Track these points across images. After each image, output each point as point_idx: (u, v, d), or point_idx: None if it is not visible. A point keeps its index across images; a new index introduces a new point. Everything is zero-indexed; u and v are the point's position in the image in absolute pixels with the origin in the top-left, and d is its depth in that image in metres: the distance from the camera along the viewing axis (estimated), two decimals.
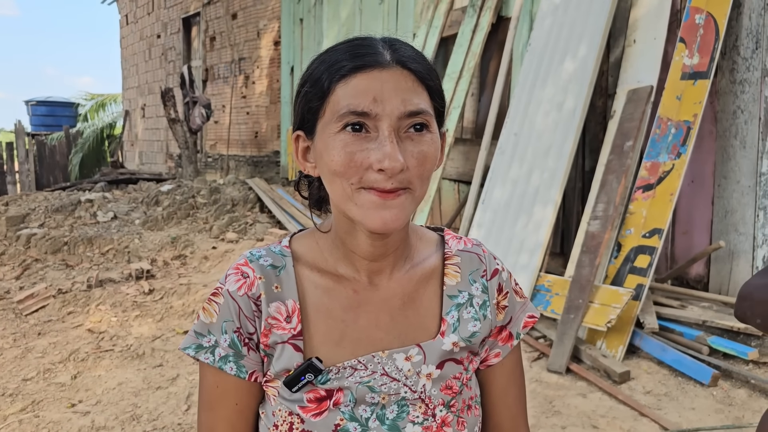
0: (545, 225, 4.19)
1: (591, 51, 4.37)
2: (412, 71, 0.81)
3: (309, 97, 0.82)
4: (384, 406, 0.86)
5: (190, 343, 0.88)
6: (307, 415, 0.85)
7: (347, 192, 0.80)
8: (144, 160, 15.87)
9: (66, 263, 6.03)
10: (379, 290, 0.90)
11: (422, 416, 0.87)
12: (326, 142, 0.80)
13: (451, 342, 0.90)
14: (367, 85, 0.78)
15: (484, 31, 5.49)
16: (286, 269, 0.89)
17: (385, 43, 0.83)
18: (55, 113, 18.89)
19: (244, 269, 0.88)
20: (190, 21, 13.60)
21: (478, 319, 0.93)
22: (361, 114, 0.78)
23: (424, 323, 0.91)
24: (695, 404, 3.04)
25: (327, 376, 0.85)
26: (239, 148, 11.74)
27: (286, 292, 0.88)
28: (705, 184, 4.18)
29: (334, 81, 0.80)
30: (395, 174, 0.77)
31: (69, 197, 8.21)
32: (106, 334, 4.25)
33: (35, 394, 3.39)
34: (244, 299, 0.86)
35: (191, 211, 7.80)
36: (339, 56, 0.81)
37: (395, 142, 0.78)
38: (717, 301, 3.91)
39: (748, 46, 3.92)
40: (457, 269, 0.95)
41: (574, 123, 4.30)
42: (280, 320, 0.86)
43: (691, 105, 3.85)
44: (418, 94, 0.80)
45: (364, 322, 0.89)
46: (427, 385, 0.88)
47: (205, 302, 0.89)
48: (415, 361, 0.88)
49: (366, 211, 0.79)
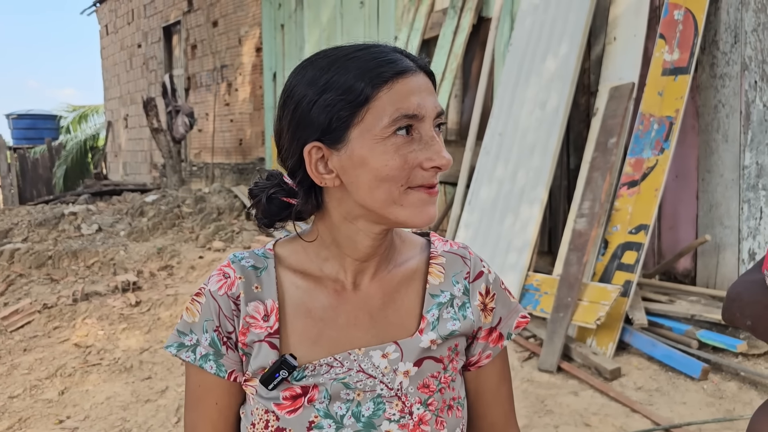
0: (532, 224, 4.20)
1: (572, 49, 4.38)
2: (429, 76, 0.86)
3: (338, 106, 0.81)
4: (359, 403, 0.86)
5: (173, 341, 0.90)
6: (282, 412, 0.85)
7: (394, 195, 0.81)
8: (128, 170, 15.75)
9: (51, 277, 5.95)
10: (361, 290, 0.91)
11: (399, 414, 0.87)
12: (372, 148, 0.80)
13: (429, 339, 0.90)
14: (411, 89, 0.81)
15: (466, 32, 5.50)
16: (268, 270, 0.91)
17: (398, 52, 0.85)
18: (36, 126, 18.73)
19: (226, 270, 0.90)
20: (170, 30, 13.52)
21: (457, 319, 0.93)
22: (412, 117, 0.80)
23: (404, 322, 0.91)
24: (686, 398, 3.05)
25: (303, 373, 0.86)
26: (224, 156, 11.68)
27: (266, 292, 0.89)
28: (689, 179, 4.20)
29: (376, 86, 0.80)
30: (447, 167, 0.82)
31: (52, 210, 8.13)
32: (93, 348, 4.19)
33: (22, 412, 3.34)
34: (224, 299, 0.88)
35: (177, 221, 7.74)
36: (370, 63, 0.82)
37: (439, 140, 0.83)
38: (705, 294, 3.93)
39: (727, 41, 3.95)
40: (441, 269, 0.95)
41: (557, 121, 4.31)
42: (258, 319, 0.87)
43: (672, 100, 3.87)
44: (436, 97, 0.85)
45: (342, 321, 0.89)
46: (404, 382, 0.88)
47: (189, 302, 0.90)
48: (392, 359, 0.88)
49: (415, 209, 0.82)
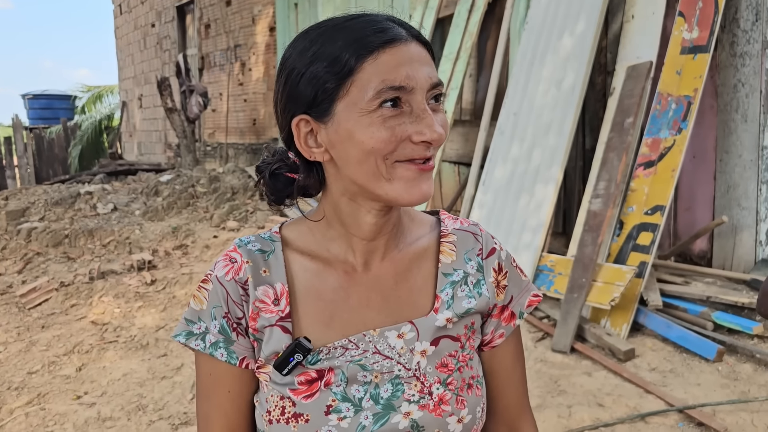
0: (547, 204, 4.17)
1: (589, 27, 4.32)
2: (424, 45, 0.82)
3: (323, 78, 0.78)
4: (377, 384, 0.85)
5: (181, 330, 0.88)
6: (298, 398, 0.84)
7: (381, 169, 0.78)
8: (143, 150, 15.82)
9: (67, 256, 6.02)
10: (371, 270, 0.89)
11: (418, 394, 0.86)
12: (358, 121, 0.77)
13: (445, 318, 0.88)
14: (399, 59, 0.78)
15: (481, 11, 5.43)
16: (275, 253, 0.89)
17: (391, 20, 0.82)
18: (52, 106, 18.83)
19: (232, 255, 0.88)
20: (184, 9, 13.48)
21: (472, 297, 0.91)
22: (399, 88, 0.77)
23: (418, 301, 0.89)
24: (701, 380, 3.04)
25: (317, 356, 0.84)
26: (238, 136, 11.69)
27: (275, 275, 0.87)
28: (707, 160, 4.15)
29: (361, 57, 0.77)
30: (439, 142, 0.79)
31: (68, 190, 8.19)
32: (109, 326, 4.25)
33: (41, 387, 3.39)
34: (231, 284, 0.86)
35: (191, 201, 7.78)
36: (357, 33, 0.78)
37: (432, 112, 0.79)
38: (721, 276, 3.89)
39: (748, 19, 3.87)
40: (452, 247, 0.93)
41: (573, 100, 4.27)
42: (268, 303, 0.86)
43: (691, 80, 3.81)
44: (433, 67, 0.81)
45: (354, 303, 0.88)
46: (422, 362, 0.86)
47: (196, 290, 0.88)
48: (408, 338, 0.86)
49: (404, 185, 0.79)
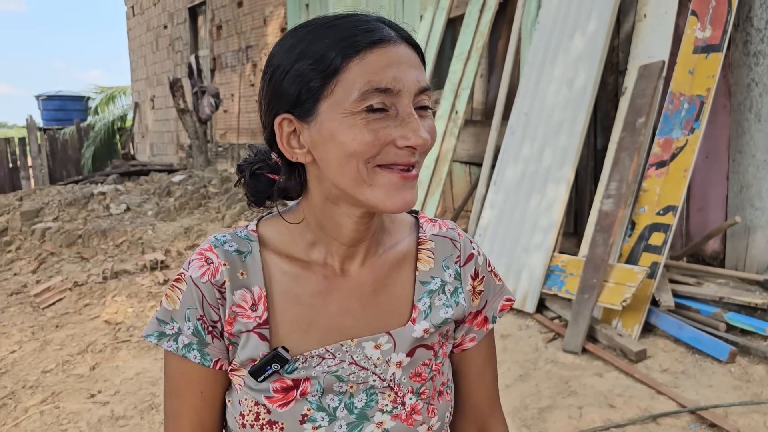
0: (558, 204, 4.16)
1: (601, 26, 4.30)
2: (414, 48, 0.80)
3: (308, 76, 0.76)
4: (352, 395, 0.84)
5: (153, 330, 0.85)
6: (274, 406, 0.83)
7: (362, 173, 0.76)
8: (155, 151, 15.92)
9: (81, 256, 6.07)
10: (351, 276, 0.87)
11: (391, 404, 0.86)
12: (341, 122, 0.75)
13: (422, 329, 0.88)
14: (387, 61, 0.75)
15: (492, 11, 5.42)
16: (252, 255, 0.86)
17: (381, 21, 0.80)
18: (65, 107, 18.97)
19: (208, 255, 0.85)
20: (196, 10, 13.55)
21: (449, 306, 0.91)
22: (384, 91, 0.74)
23: (396, 309, 0.88)
24: (713, 381, 3.02)
25: (294, 365, 0.83)
26: (249, 137, 11.73)
27: (252, 278, 0.85)
28: (719, 160, 4.12)
29: (347, 57, 0.75)
30: (425, 147, 0.76)
31: (82, 190, 8.26)
32: (122, 325, 4.28)
33: (55, 386, 3.43)
34: (207, 286, 0.83)
35: (203, 201, 7.82)
36: (346, 32, 0.76)
37: (418, 117, 0.77)
38: (734, 277, 3.87)
39: (762, 17, 3.84)
40: (430, 255, 0.92)
41: (585, 100, 4.25)
42: (245, 308, 0.84)
43: (704, 79, 3.79)
44: (422, 71, 0.79)
45: (333, 309, 0.86)
46: (397, 373, 0.86)
47: (168, 288, 0.85)
48: (384, 349, 0.86)
49: (386, 192, 0.76)
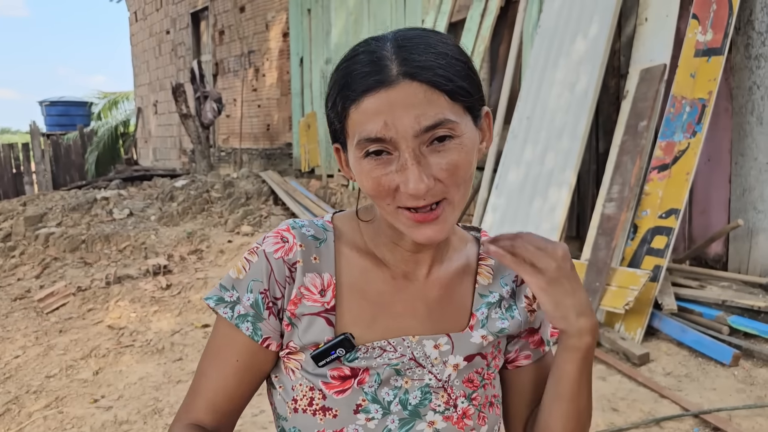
0: (560, 207, 4.16)
1: (602, 30, 4.31)
2: (423, 82, 0.74)
3: (332, 119, 0.82)
4: (407, 390, 0.86)
5: (213, 294, 0.87)
6: (330, 392, 0.84)
7: (387, 210, 0.80)
8: (158, 156, 15.96)
9: (84, 261, 6.09)
10: (417, 281, 0.90)
11: (444, 405, 0.87)
12: (354, 165, 0.80)
13: (480, 335, 0.90)
14: (376, 108, 0.74)
15: (493, 15, 5.44)
16: (327, 243, 0.89)
17: (394, 51, 0.76)
18: (69, 113, 19.01)
19: (284, 234, 0.87)
20: (198, 15, 13.60)
21: (506, 319, 0.93)
22: (376, 140, 0.75)
23: (455, 317, 0.91)
24: (716, 385, 3.01)
25: (355, 354, 0.84)
26: (252, 141, 11.76)
27: (324, 265, 0.87)
28: (722, 163, 4.12)
29: (347, 105, 0.77)
30: (423, 195, 0.76)
31: (85, 196, 8.28)
32: (126, 330, 4.29)
33: (58, 391, 3.43)
34: (278, 262, 0.85)
35: (206, 206, 7.83)
36: (347, 77, 0.77)
37: (416, 164, 0.75)
38: (736, 280, 3.86)
39: (763, 20, 3.84)
40: (490, 271, 0.95)
41: (586, 104, 4.26)
42: (314, 292, 0.85)
43: (705, 82, 3.79)
44: (433, 105, 0.74)
45: (398, 309, 0.88)
46: (452, 375, 0.88)
47: (240, 260, 0.88)
48: (443, 350, 0.88)
49: (407, 229, 0.80)
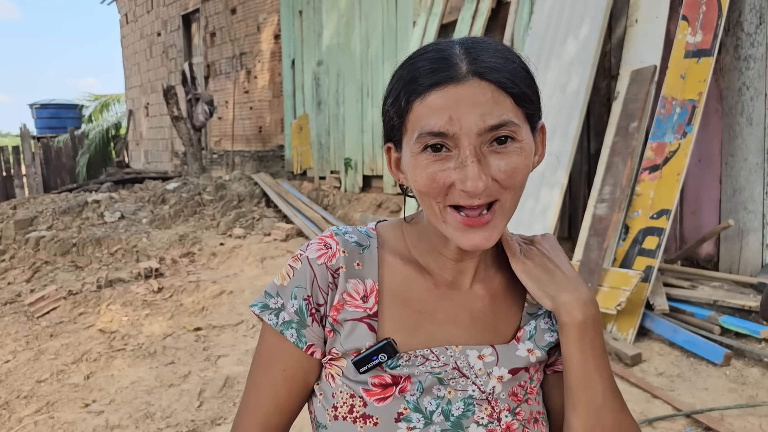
0: (552, 208, 4.17)
1: (593, 31, 4.33)
2: (492, 81, 0.76)
3: (390, 114, 0.81)
4: (450, 401, 0.84)
5: (259, 301, 0.88)
6: (371, 399, 0.83)
7: (435, 210, 0.80)
8: (149, 159, 15.90)
9: (75, 264, 6.05)
10: (461, 289, 0.89)
11: (487, 418, 0.85)
12: (410, 160, 0.79)
13: (526, 349, 0.88)
14: (443, 103, 0.75)
15: (484, 17, 5.45)
16: (370, 249, 0.88)
17: (464, 51, 0.78)
18: (59, 115, 18.94)
19: (328, 240, 0.88)
20: (189, 17, 13.56)
21: (554, 330, 0.90)
22: (438, 134, 0.75)
23: (501, 328, 0.89)
24: (708, 384, 3.03)
25: (397, 361, 0.83)
26: (244, 144, 11.73)
27: (367, 271, 0.87)
28: (712, 163, 4.14)
29: (411, 99, 0.77)
30: (479, 194, 0.76)
31: (76, 199, 8.23)
32: (117, 334, 4.27)
33: (49, 396, 3.41)
34: (321, 268, 0.85)
35: (198, 209, 7.81)
36: (414, 72, 0.78)
37: (476, 161, 0.75)
38: (728, 280, 3.88)
39: (752, 22, 3.87)
40: None
41: (578, 105, 4.27)
42: (356, 298, 0.85)
43: (695, 83, 3.81)
44: (499, 105, 0.76)
45: (442, 317, 0.87)
46: (497, 387, 0.86)
47: (284, 267, 0.88)
48: (487, 361, 0.86)
49: (454, 232, 0.79)
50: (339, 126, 8.30)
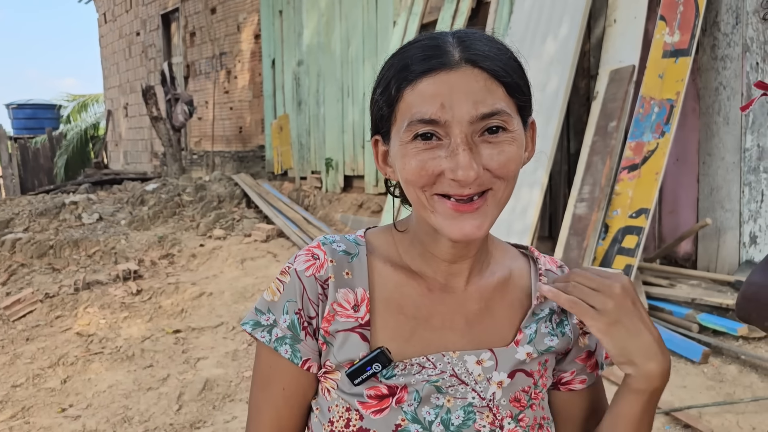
0: (532, 208, 4.19)
1: (572, 31, 4.35)
2: (485, 69, 0.75)
3: (380, 104, 0.80)
4: (449, 410, 0.81)
5: (250, 319, 0.85)
6: (367, 412, 0.80)
7: (422, 200, 0.77)
8: (129, 159, 15.74)
9: (52, 267, 5.96)
10: (456, 293, 0.87)
11: (489, 426, 0.82)
12: (399, 150, 0.77)
13: (525, 352, 0.85)
14: (435, 90, 0.74)
15: (464, 16, 5.45)
16: (359, 257, 0.86)
17: (456, 40, 0.77)
18: (37, 116, 18.70)
19: (315, 251, 0.85)
20: (169, 17, 13.45)
21: (555, 335, 0.88)
22: (429, 122, 0.74)
23: (500, 331, 0.86)
24: (686, 382, 3.05)
25: (392, 371, 0.80)
26: (224, 144, 11.65)
27: (357, 280, 0.84)
28: (690, 162, 4.18)
29: (402, 87, 0.76)
30: (470, 183, 0.74)
31: (53, 200, 8.12)
32: (95, 337, 4.21)
33: (25, 401, 3.35)
34: (310, 280, 0.83)
35: (177, 210, 7.74)
36: (406, 59, 0.77)
37: (468, 149, 0.74)
38: (706, 278, 3.92)
39: (728, 22, 3.91)
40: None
41: (557, 104, 4.29)
42: (347, 308, 0.83)
43: (673, 83, 3.84)
44: (492, 94, 0.75)
45: (437, 323, 0.85)
46: (497, 393, 0.83)
47: (273, 281, 0.86)
48: (486, 366, 0.83)
49: (444, 220, 0.77)
50: (320, 126, 8.27)
